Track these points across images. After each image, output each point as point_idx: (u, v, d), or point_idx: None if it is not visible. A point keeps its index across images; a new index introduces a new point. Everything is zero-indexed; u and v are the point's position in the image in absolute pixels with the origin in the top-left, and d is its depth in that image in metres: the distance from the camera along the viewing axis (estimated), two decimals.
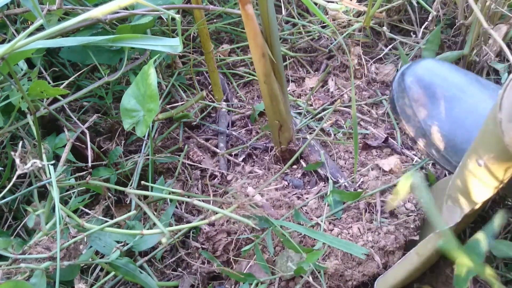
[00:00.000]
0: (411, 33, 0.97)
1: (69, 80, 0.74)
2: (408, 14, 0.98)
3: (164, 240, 0.53)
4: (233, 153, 0.80)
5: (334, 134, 0.81)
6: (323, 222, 0.64)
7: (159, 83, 0.88)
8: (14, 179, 0.50)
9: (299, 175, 0.75)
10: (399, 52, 0.92)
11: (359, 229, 0.63)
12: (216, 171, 0.77)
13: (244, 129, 0.85)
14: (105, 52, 0.75)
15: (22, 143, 0.51)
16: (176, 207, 0.74)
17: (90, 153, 0.67)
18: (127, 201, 0.75)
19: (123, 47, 0.71)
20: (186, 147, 0.81)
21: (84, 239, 0.54)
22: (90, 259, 0.55)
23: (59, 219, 0.49)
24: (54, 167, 0.54)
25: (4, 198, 0.55)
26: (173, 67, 0.92)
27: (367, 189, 0.69)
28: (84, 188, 0.72)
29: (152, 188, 0.69)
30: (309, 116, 0.84)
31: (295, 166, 0.76)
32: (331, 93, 0.89)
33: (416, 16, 0.96)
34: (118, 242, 0.62)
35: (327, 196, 0.68)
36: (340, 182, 0.71)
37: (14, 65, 0.66)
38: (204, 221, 0.57)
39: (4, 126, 0.66)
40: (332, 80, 0.92)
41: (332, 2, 0.90)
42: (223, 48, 1.00)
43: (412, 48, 0.93)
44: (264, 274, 0.62)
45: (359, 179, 0.71)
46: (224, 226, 0.66)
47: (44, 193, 0.73)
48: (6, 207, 0.73)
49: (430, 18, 0.90)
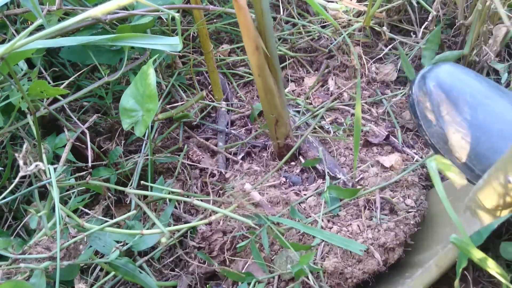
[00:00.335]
0: (411, 33, 0.97)
1: (69, 80, 0.74)
2: (408, 14, 0.98)
3: (164, 240, 0.53)
4: (232, 152, 0.80)
5: (334, 131, 0.81)
6: (320, 218, 0.64)
7: (159, 83, 0.88)
8: (17, 180, 0.50)
9: (298, 171, 0.74)
10: (399, 52, 0.92)
11: (358, 226, 0.63)
12: (214, 170, 0.77)
13: (244, 128, 0.85)
14: (105, 52, 0.75)
15: (25, 145, 0.51)
16: (175, 207, 0.74)
17: (90, 153, 0.67)
18: (127, 201, 0.75)
19: (123, 47, 0.71)
20: (186, 147, 0.81)
21: (84, 239, 0.54)
22: (90, 259, 0.55)
23: (59, 219, 0.49)
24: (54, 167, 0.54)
25: (4, 198, 0.55)
26: (173, 67, 0.92)
27: (366, 185, 0.69)
28: (84, 188, 0.72)
29: (151, 188, 0.69)
30: (308, 114, 0.84)
31: (293, 163, 0.76)
32: (331, 92, 0.89)
33: (416, 16, 0.96)
34: (117, 242, 0.62)
35: (324, 192, 0.68)
36: (339, 178, 0.71)
37: (14, 65, 0.66)
38: (204, 220, 0.57)
39: (4, 126, 0.66)
40: (332, 80, 0.92)
41: (332, 1, 0.90)
42: (223, 48, 1.00)
43: (412, 48, 0.93)
44: (262, 273, 0.62)
45: (359, 175, 0.71)
46: (220, 225, 0.66)
47: (44, 193, 0.73)
48: (6, 207, 0.73)
49: (430, 18, 0.90)
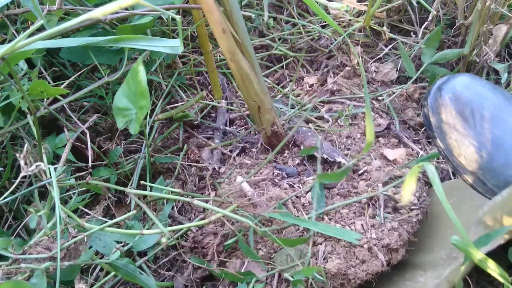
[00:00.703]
0: (411, 33, 0.97)
1: (69, 80, 0.74)
2: (408, 14, 0.98)
3: (164, 240, 0.53)
4: (228, 149, 0.81)
5: (336, 118, 0.80)
6: (313, 215, 0.63)
7: (159, 83, 0.88)
8: (18, 180, 0.50)
9: (295, 162, 0.74)
10: (399, 52, 0.92)
11: (362, 226, 0.62)
12: (209, 166, 0.77)
13: (243, 127, 0.85)
14: (105, 52, 0.75)
15: (26, 146, 0.51)
16: (174, 208, 0.73)
17: (90, 153, 0.67)
18: (127, 201, 0.75)
19: (123, 47, 0.71)
20: (185, 146, 0.81)
21: (84, 239, 0.54)
22: (90, 259, 0.55)
23: (59, 219, 0.49)
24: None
25: (4, 198, 0.55)
26: (173, 67, 0.92)
27: (369, 179, 0.69)
28: (84, 188, 0.72)
29: (151, 188, 0.70)
30: (307, 106, 0.83)
31: (286, 154, 0.76)
32: (330, 89, 0.89)
33: (416, 16, 0.96)
34: (118, 242, 0.62)
35: (313, 182, 0.67)
36: (339, 162, 0.70)
37: (15, 65, 0.66)
38: (204, 221, 0.58)
39: (4, 126, 0.66)
40: (331, 77, 0.92)
41: (333, 1, 0.90)
42: None
43: (412, 48, 0.94)
44: (261, 271, 0.61)
45: (363, 166, 0.71)
46: (210, 227, 0.66)
47: (44, 193, 0.73)
48: (6, 207, 0.73)
49: (430, 18, 0.90)
